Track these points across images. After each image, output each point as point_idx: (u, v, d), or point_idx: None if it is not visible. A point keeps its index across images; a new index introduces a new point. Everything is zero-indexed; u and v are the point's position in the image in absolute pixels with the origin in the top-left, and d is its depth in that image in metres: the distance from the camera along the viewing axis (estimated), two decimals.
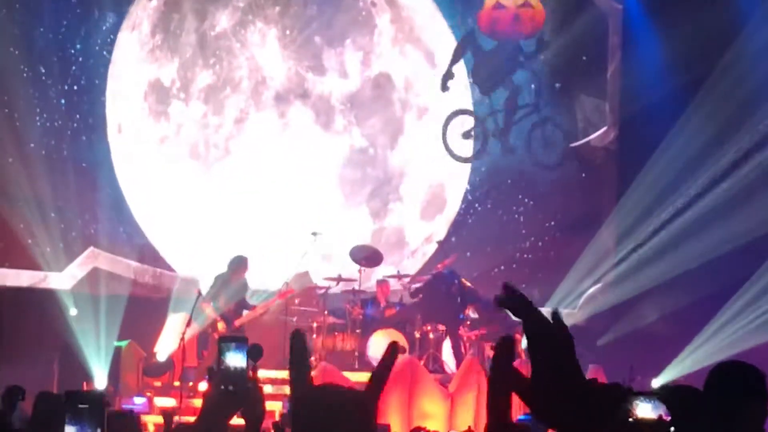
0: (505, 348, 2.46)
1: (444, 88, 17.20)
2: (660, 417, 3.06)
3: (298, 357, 2.47)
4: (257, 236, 17.21)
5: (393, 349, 2.48)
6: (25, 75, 15.68)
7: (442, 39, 18.29)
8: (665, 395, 3.06)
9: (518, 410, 13.11)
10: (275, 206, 17.31)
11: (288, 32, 17.66)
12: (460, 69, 17.55)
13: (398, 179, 18.22)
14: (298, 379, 2.43)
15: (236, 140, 17.37)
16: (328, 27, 17.71)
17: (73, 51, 16.21)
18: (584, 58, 17.41)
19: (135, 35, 17.08)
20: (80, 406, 3.34)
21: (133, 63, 17.04)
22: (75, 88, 16.18)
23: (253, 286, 15.55)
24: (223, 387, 2.88)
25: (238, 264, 14.32)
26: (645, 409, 2.98)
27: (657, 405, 3.03)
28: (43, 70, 15.92)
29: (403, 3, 18.17)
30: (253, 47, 17.49)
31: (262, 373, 13.25)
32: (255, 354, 6.51)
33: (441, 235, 17.81)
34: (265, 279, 16.62)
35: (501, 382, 2.43)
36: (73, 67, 16.23)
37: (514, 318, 2.49)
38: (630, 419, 2.93)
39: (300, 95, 17.77)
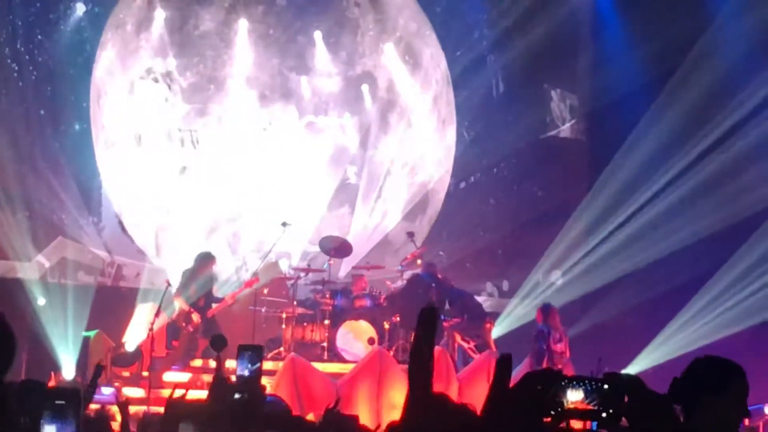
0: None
1: None
2: (592, 404, 2.95)
3: (422, 349, 2.16)
4: (235, 233, 17.30)
5: (505, 365, 2.28)
6: None
7: (426, 40, 18.32)
8: (608, 382, 2.97)
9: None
10: (256, 204, 17.35)
11: (272, 31, 17.75)
12: None
13: (381, 178, 18.22)
14: (417, 377, 2.21)
15: (219, 138, 17.42)
16: (311, 26, 17.78)
17: (41, 38, 16.10)
18: (554, 50, 17.38)
19: (119, 34, 17.16)
20: (57, 402, 3.29)
21: (117, 61, 17.11)
22: (42, 75, 15.99)
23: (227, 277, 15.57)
24: (238, 395, 2.81)
25: (204, 259, 14.26)
26: (575, 395, 2.90)
27: (590, 391, 2.93)
28: (9, 57, 15.77)
29: (387, 3, 18.21)
30: (236, 46, 17.58)
31: (230, 364, 13.27)
32: (219, 344, 6.36)
33: (424, 233, 17.78)
34: (242, 274, 16.71)
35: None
36: (39, 54, 16.04)
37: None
38: (559, 406, 2.88)
39: (283, 94, 17.84)
